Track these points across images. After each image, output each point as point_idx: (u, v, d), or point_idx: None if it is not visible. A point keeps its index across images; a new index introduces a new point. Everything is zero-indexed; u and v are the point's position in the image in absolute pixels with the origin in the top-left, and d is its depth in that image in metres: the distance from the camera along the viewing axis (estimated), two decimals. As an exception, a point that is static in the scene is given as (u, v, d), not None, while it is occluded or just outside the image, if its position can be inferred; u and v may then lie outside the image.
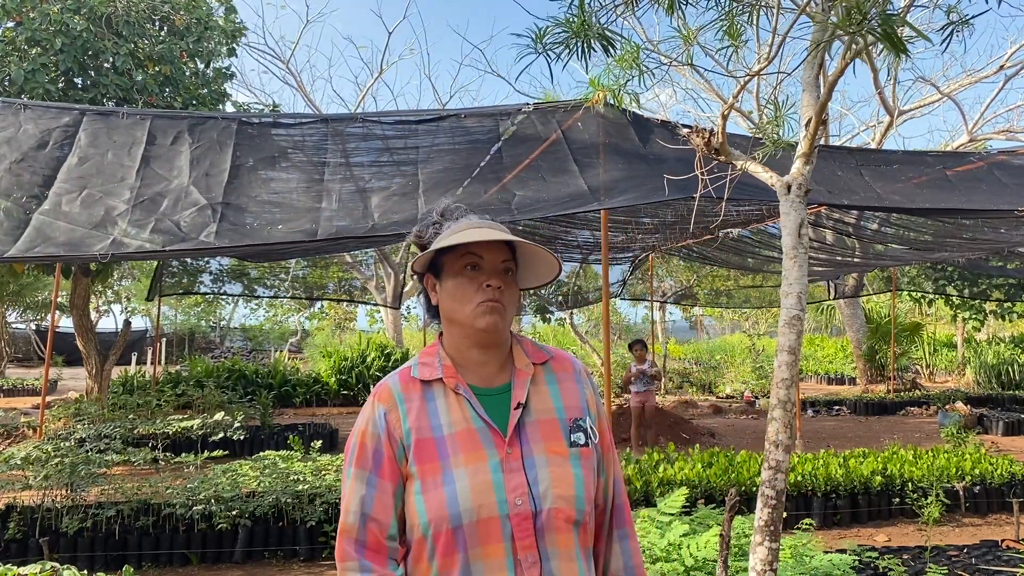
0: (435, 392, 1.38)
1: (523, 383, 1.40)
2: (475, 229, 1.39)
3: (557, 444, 1.36)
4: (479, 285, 1.37)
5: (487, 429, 1.34)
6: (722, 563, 2.86)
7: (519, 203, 5.42)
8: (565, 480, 1.33)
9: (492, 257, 1.39)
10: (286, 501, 5.28)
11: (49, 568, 3.62)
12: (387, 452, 1.34)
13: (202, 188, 5.35)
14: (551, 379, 1.45)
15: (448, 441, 1.33)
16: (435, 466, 1.31)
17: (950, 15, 2.44)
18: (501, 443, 1.34)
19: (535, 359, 1.45)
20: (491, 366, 1.42)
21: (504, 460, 1.32)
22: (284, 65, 22.48)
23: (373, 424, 1.36)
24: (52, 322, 10.23)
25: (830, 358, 23.52)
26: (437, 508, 1.28)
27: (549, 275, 1.47)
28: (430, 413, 1.36)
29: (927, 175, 6.70)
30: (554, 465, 1.34)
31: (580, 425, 1.40)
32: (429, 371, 1.40)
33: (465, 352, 1.41)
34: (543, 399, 1.41)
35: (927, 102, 16.59)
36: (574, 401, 1.43)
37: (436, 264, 1.44)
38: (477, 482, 1.29)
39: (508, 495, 1.30)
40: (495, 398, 1.39)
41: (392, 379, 1.41)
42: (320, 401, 14.97)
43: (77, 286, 10.56)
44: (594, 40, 2.53)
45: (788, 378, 2.52)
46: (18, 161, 5.31)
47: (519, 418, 1.37)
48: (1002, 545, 4.91)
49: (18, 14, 9.03)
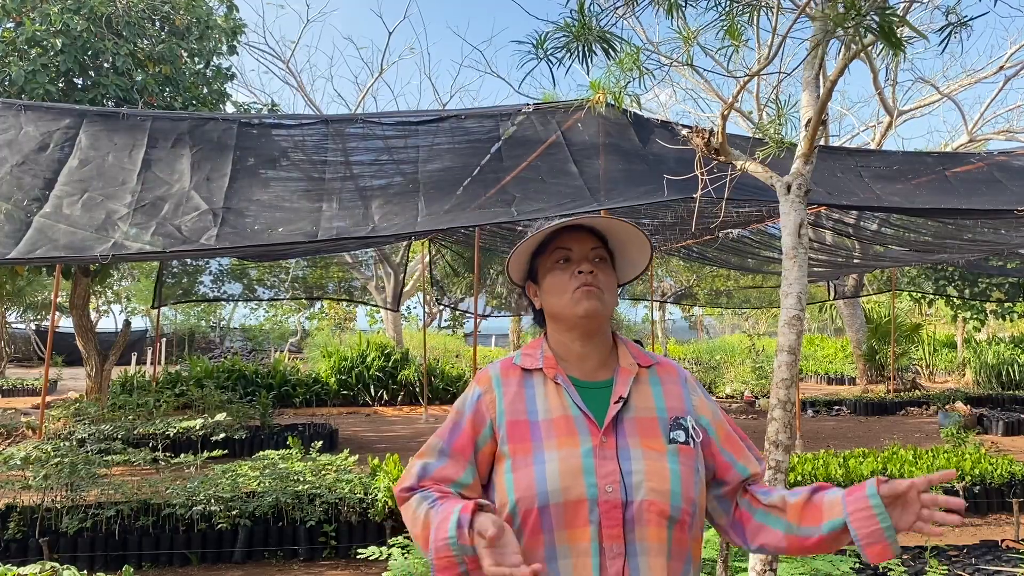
0: (534, 380, 1.41)
1: (626, 380, 1.40)
2: (558, 221, 1.44)
3: (655, 441, 1.35)
4: (572, 274, 1.41)
5: (583, 418, 1.35)
6: (722, 563, 2.86)
7: (519, 204, 5.42)
8: (660, 474, 1.31)
9: (580, 247, 1.44)
10: (286, 501, 5.28)
11: (49, 568, 3.62)
12: (466, 428, 1.39)
13: (203, 193, 5.35)
14: (655, 380, 1.44)
15: (543, 425, 1.34)
16: (527, 446, 1.33)
17: (949, 16, 2.45)
18: (596, 432, 1.33)
19: (641, 362, 1.45)
20: (592, 360, 1.43)
21: (597, 447, 1.31)
22: (284, 65, 22.46)
23: (463, 402, 1.43)
24: (52, 322, 10.22)
25: (830, 358, 23.53)
26: (525, 486, 1.29)
27: (643, 259, 1.52)
28: (527, 399, 1.39)
29: (926, 176, 6.70)
30: (649, 459, 1.32)
31: (681, 424, 1.38)
32: (531, 361, 1.43)
33: (568, 345, 1.44)
34: (645, 398, 1.40)
35: (927, 102, 16.59)
36: (677, 403, 1.41)
37: (533, 271, 1.49)
38: (568, 464, 1.29)
39: (599, 480, 1.28)
40: (594, 391, 1.40)
41: (493, 366, 1.46)
42: (320, 401, 14.96)
43: (77, 286, 10.56)
44: (594, 43, 2.54)
45: (788, 378, 2.53)
46: (19, 164, 5.32)
47: (618, 412, 1.36)
48: (1002, 545, 4.91)
49: (18, 14, 9.03)
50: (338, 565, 5.06)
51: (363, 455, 6.68)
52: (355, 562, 5.01)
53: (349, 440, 10.35)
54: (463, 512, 1.20)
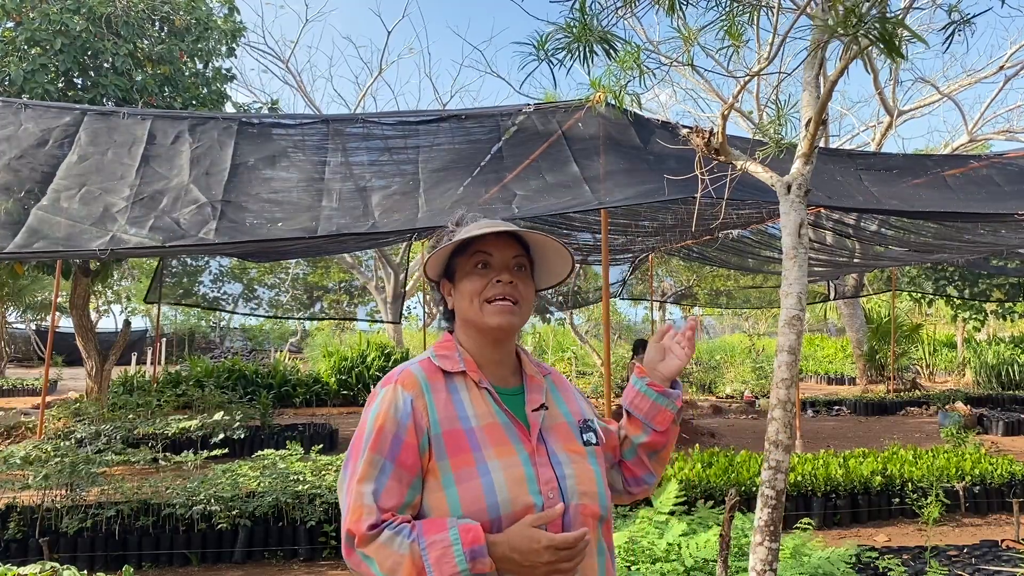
0: (458, 385, 1.38)
1: (539, 388, 1.44)
2: (484, 225, 1.41)
3: (574, 444, 1.41)
4: (489, 281, 1.38)
5: (512, 425, 1.36)
6: (722, 563, 2.86)
7: (519, 203, 5.42)
8: (588, 476, 1.37)
9: (502, 254, 1.40)
10: (286, 501, 5.28)
11: (49, 568, 3.62)
12: (409, 440, 1.29)
13: (202, 186, 5.34)
14: (553, 388, 1.50)
15: (477, 433, 1.32)
16: (468, 458, 1.30)
17: (951, 14, 2.44)
18: (526, 439, 1.35)
19: (540, 371, 1.50)
20: (506, 367, 1.45)
21: (533, 455, 1.34)
22: (284, 64, 22.49)
23: (395, 409, 1.31)
24: (52, 322, 10.22)
25: (830, 358, 23.52)
26: (474, 499, 1.26)
27: (564, 270, 1.48)
28: (456, 404, 1.35)
29: (926, 178, 6.70)
30: (576, 463, 1.37)
31: (590, 426, 1.46)
32: (451, 363, 1.39)
33: (482, 350, 1.42)
34: (552, 406, 1.45)
35: (927, 102, 16.58)
36: (575, 407, 1.49)
37: (451, 269, 1.45)
38: (512, 474, 1.29)
39: (541, 487, 1.31)
40: (511, 398, 1.41)
41: (414, 367, 1.39)
42: (320, 401, 14.97)
43: (77, 286, 10.55)
44: (596, 44, 2.54)
45: (788, 378, 2.53)
46: (17, 158, 5.31)
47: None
48: (1002, 545, 4.91)
49: (18, 14, 9.03)
50: (338, 565, 5.06)
51: (363, 455, 6.65)
52: (355, 562, 5.00)
53: (349, 440, 10.35)
54: (474, 544, 1.19)
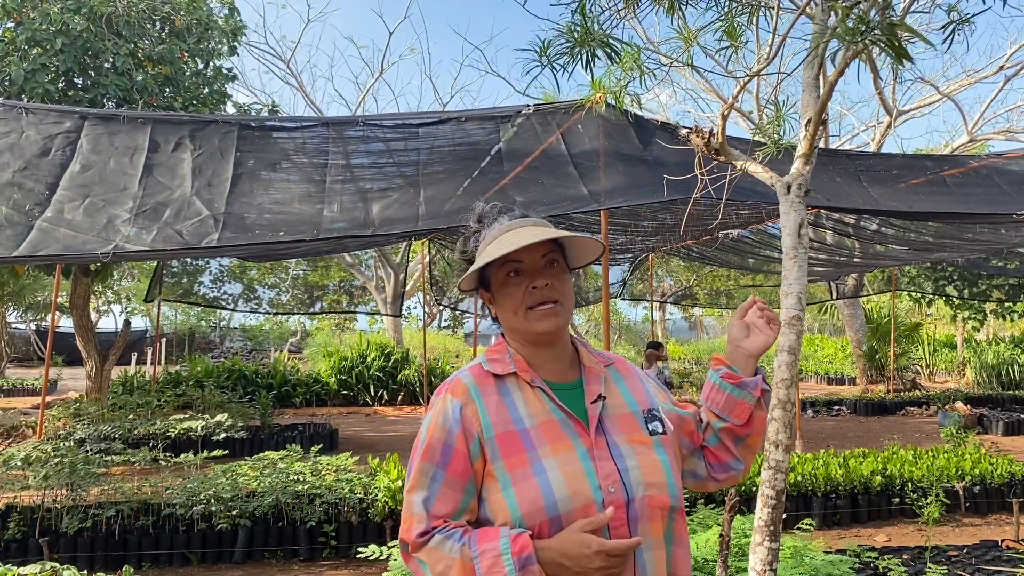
0: (510, 387, 1.37)
1: (597, 378, 1.41)
2: (509, 234, 1.38)
3: (638, 435, 1.37)
4: (526, 289, 1.36)
5: (568, 420, 1.33)
6: (722, 563, 2.86)
7: (519, 204, 5.41)
8: (655, 467, 1.33)
9: (531, 257, 1.38)
10: (286, 501, 5.29)
11: (49, 568, 3.62)
12: (459, 447, 1.30)
13: (204, 198, 5.34)
14: (618, 378, 1.46)
15: (532, 433, 1.31)
16: (523, 458, 1.28)
17: (951, 14, 2.44)
18: (584, 433, 1.33)
19: (601, 361, 1.47)
20: (562, 362, 1.42)
21: (591, 449, 1.31)
22: (285, 65, 22.44)
23: (444, 418, 1.32)
24: (52, 322, 10.22)
25: (830, 358, 23.53)
26: (532, 499, 1.25)
27: (595, 253, 1.47)
28: (509, 406, 1.34)
29: (925, 179, 6.70)
30: (640, 454, 1.34)
31: (655, 415, 1.42)
32: (501, 366, 1.38)
33: (534, 351, 1.40)
34: (615, 396, 1.42)
35: (927, 102, 16.58)
36: (643, 396, 1.45)
37: (484, 278, 1.43)
38: (570, 470, 1.27)
39: (601, 481, 1.28)
40: (568, 393, 1.39)
41: (463, 374, 1.39)
42: (320, 401, 14.97)
43: (77, 286, 10.56)
44: (597, 48, 2.53)
45: (788, 378, 2.53)
46: (21, 169, 5.33)
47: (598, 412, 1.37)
48: (1002, 545, 4.91)
49: (18, 14, 9.03)
50: (338, 565, 5.06)
51: (363, 455, 6.68)
52: (355, 562, 5.01)
53: (349, 440, 10.36)
54: (523, 552, 1.19)
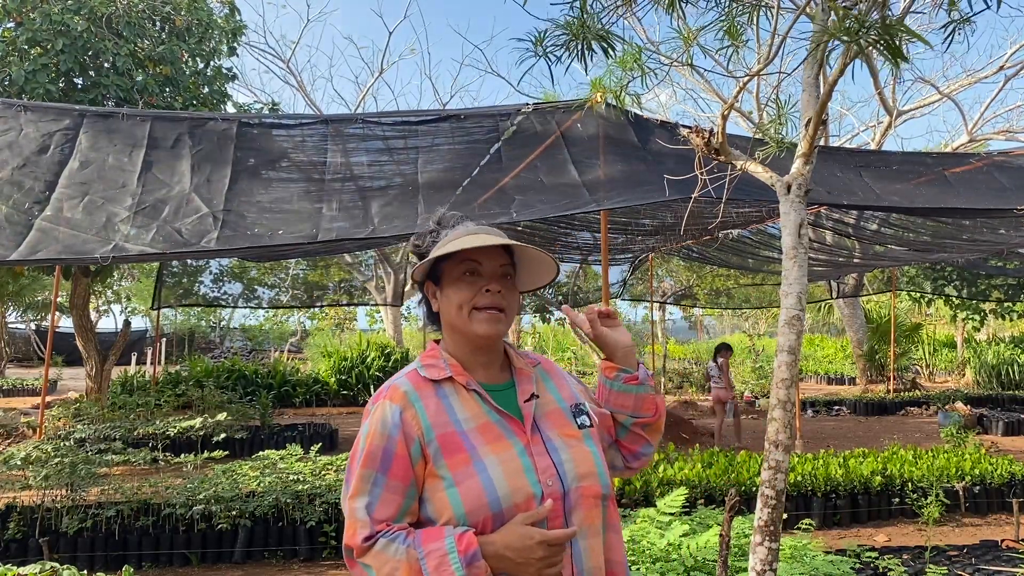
0: (446, 390, 1.41)
1: (528, 378, 1.48)
2: (472, 236, 1.42)
3: (568, 429, 1.44)
4: (478, 290, 1.41)
5: (504, 420, 1.39)
6: (722, 563, 2.86)
7: (518, 204, 5.42)
8: (586, 459, 1.40)
9: (490, 262, 1.43)
10: (286, 501, 5.29)
11: (49, 568, 3.62)
12: (399, 451, 1.33)
13: (203, 195, 5.34)
14: (544, 376, 1.54)
15: (471, 434, 1.36)
16: (464, 457, 1.33)
17: (951, 13, 2.44)
18: (520, 431, 1.39)
19: (529, 363, 1.54)
20: (493, 365, 1.48)
21: (528, 445, 1.37)
22: (285, 65, 22.49)
23: (383, 424, 1.35)
24: (52, 322, 10.23)
25: (830, 358, 23.52)
26: (475, 496, 1.29)
27: (547, 277, 1.52)
28: (447, 409, 1.38)
29: (926, 176, 6.70)
30: (572, 447, 1.41)
31: (582, 409, 1.49)
32: (437, 371, 1.43)
33: (468, 354, 1.45)
34: (544, 393, 1.49)
35: (927, 102, 16.58)
36: (567, 392, 1.52)
37: (436, 272, 1.47)
38: (510, 467, 1.33)
39: (539, 476, 1.34)
40: (501, 393, 1.44)
41: (400, 380, 1.42)
42: (320, 401, 14.97)
43: (77, 286, 10.56)
44: (593, 41, 2.54)
45: (788, 378, 2.53)
46: (20, 167, 5.32)
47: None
48: (1002, 545, 4.91)
49: (18, 14, 9.03)
50: (338, 565, 5.06)
51: (363, 455, 6.66)
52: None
53: (349, 440, 10.35)
54: (468, 549, 1.23)
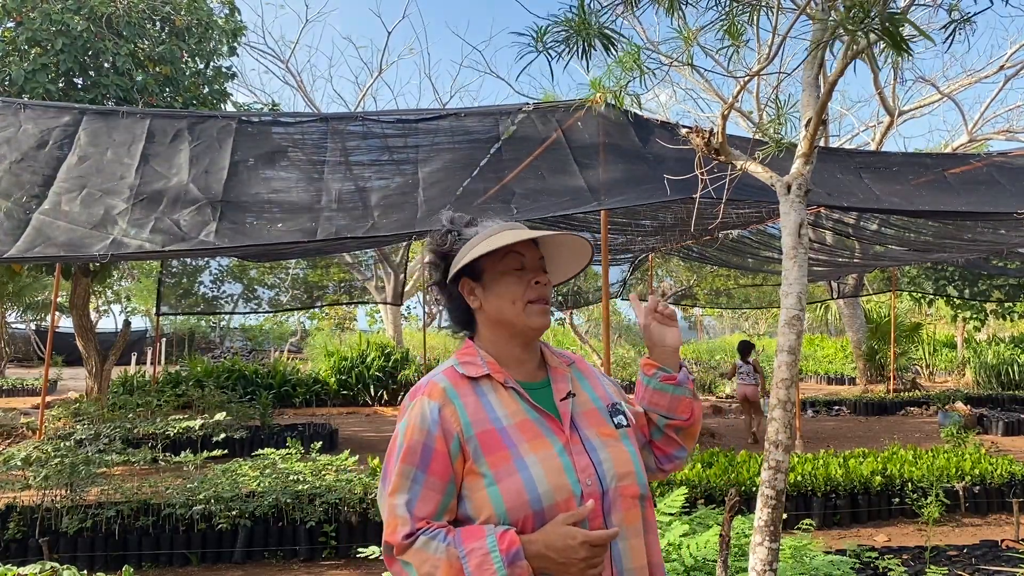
0: (484, 388, 1.41)
1: (564, 377, 1.48)
2: (510, 231, 1.44)
3: (606, 428, 1.44)
4: (528, 283, 1.43)
5: (542, 418, 1.39)
6: (722, 563, 2.86)
7: (518, 203, 5.42)
8: (624, 458, 1.41)
9: (532, 255, 1.47)
10: (286, 501, 5.28)
11: (49, 568, 3.61)
12: (439, 448, 1.33)
13: (201, 185, 5.34)
14: (580, 376, 1.54)
15: (510, 431, 1.36)
16: (505, 455, 1.33)
17: (952, 13, 2.44)
18: (559, 430, 1.39)
19: (563, 361, 1.54)
20: (531, 363, 1.48)
21: (567, 444, 1.37)
22: (284, 65, 22.50)
23: (422, 420, 1.35)
24: (52, 322, 10.23)
25: (830, 358, 23.52)
26: (516, 494, 1.29)
27: (576, 267, 1.56)
28: (486, 407, 1.38)
29: (926, 177, 6.70)
30: (611, 447, 1.41)
31: (619, 408, 1.50)
32: (474, 369, 1.42)
33: (509, 351, 1.46)
34: (580, 392, 1.49)
35: (927, 102, 16.58)
36: (603, 392, 1.53)
37: (474, 269, 1.46)
38: (550, 465, 1.33)
39: (579, 475, 1.34)
40: (538, 392, 1.44)
41: (438, 376, 1.42)
42: (320, 401, 14.96)
43: (77, 286, 10.55)
44: (594, 38, 2.53)
45: (788, 378, 2.53)
46: (18, 161, 5.31)
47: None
48: (1002, 545, 4.91)
49: (18, 14, 9.02)
50: (338, 565, 5.06)
51: (363, 455, 6.67)
52: (355, 562, 5.01)
53: (349, 440, 10.35)
54: (511, 548, 1.23)
